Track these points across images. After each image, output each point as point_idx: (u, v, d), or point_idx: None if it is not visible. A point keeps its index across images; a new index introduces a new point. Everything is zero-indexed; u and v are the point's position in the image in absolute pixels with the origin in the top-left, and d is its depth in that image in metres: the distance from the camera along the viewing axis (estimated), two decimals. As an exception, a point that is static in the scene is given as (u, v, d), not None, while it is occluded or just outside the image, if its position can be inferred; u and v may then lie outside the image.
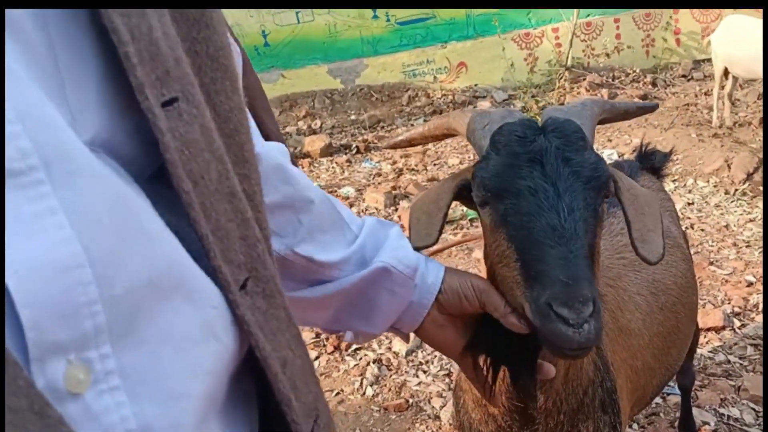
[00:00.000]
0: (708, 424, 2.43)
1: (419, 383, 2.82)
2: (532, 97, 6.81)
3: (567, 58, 7.24)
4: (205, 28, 0.49)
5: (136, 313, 0.41)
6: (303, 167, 5.78)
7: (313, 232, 0.84)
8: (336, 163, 6.09)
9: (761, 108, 5.96)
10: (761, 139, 5.28)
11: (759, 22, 5.25)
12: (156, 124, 0.43)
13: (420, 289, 0.88)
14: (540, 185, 0.88)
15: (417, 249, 0.94)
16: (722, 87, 5.63)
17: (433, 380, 2.80)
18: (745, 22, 5.36)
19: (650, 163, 1.93)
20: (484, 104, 7.13)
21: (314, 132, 6.95)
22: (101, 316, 0.38)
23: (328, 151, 6.29)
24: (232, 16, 7.09)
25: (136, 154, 0.45)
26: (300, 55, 7.39)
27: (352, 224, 0.90)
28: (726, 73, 5.55)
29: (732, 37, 5.34)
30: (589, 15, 7.51)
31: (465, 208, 4.65)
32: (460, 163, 5.67)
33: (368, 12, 7.37)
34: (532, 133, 0.92)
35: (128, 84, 0.42)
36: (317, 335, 3.19)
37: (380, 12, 7.39)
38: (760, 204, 4.18)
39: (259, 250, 0.51)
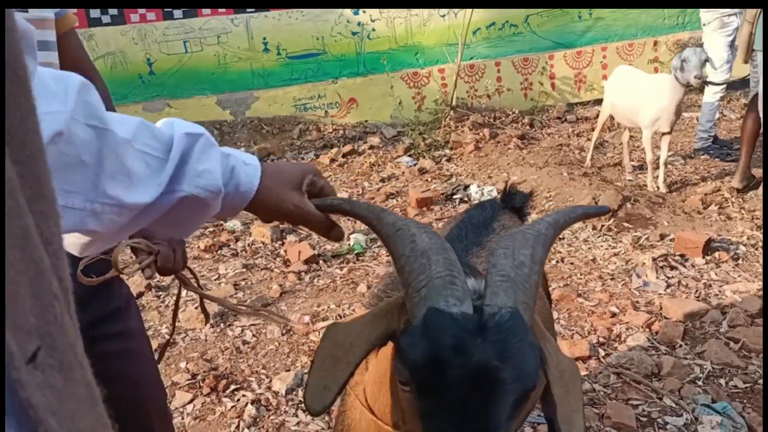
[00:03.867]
0: (573, 451, 2.54)
1: (298, 423, 2.77)
2: (420, 134, 7.02)
3: (452, 98, 7.55)
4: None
5: None
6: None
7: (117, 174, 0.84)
8: (223, 196, 5.95)
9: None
10: (625, 178, 5.72)
11: (643, 74, 5.53)
12: None
13: (233, 197, 0.94)
14: (468, 405, 0.86)
15: (307, 407, 0.97)
16: (594, 129, 5.97)
17: (312, 419, 2.75)
18: (631, 74, 5.58)
19: (512, 202, 2.04)
20: (374, 139, 7.27)
21: (201, 164, 6.77)
22: None
23: (214, 184, 6.13)
24: (115, 43, 6.83)
25: None
26: (187, 85, 7.22)
27: (158, 150, 0.88)
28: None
29: (617, 86, 5.57)
30: (472, 58, 7.89)
31: (352, 242, 4.67)
32: (349, 196, 5.70)
33: (259, 45, 7.35)
34: (470, 342, 0.86)
35: None
36: (193, 376, 3.06)
37: (271, 45, 7.40)
38: (624, 239, 4.50)
39: (56, 310, 0.43)
